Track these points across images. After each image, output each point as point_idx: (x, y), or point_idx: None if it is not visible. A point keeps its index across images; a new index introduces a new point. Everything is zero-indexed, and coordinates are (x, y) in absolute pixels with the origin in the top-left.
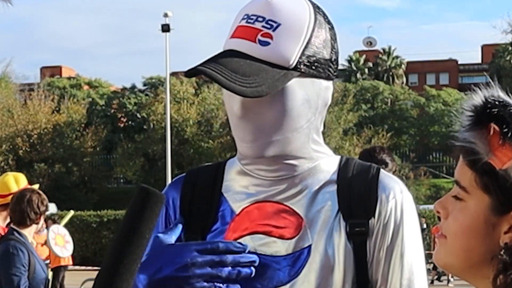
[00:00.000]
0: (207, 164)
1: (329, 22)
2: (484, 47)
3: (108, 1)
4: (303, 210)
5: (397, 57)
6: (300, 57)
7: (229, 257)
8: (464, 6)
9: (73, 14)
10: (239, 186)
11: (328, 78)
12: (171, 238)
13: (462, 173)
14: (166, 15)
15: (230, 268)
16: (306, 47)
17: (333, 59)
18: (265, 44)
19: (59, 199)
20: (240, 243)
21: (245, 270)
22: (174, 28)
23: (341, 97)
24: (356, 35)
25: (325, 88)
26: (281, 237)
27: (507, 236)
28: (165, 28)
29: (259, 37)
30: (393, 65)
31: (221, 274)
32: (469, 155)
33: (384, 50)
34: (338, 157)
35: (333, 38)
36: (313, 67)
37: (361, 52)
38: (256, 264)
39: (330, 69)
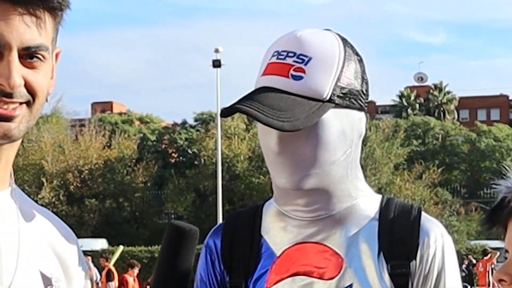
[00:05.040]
0: (245, 208)
1: (357, 54)
2: None
3: (158, 36)
4: (343, 250)
5: (448, 92)
6: (334, 89)
7: None
8: (510, 41)
9: (123, 49)
10: (277, 227)
11: (360, 109)
12: None
13: None
14: (217, 50)
15: None
16: (338, 78)
17: (364, 90)
18: (298, 78)
19: (110, 234)
20: None
21: None
22: (225, 63)
23: (392, 132)
24: (406, 70)
25: (358, 120)
26: (321, 277)
27: None
28: (216, 64)
29: (291, 72)
30: (444, 100)
31: None
32: None
33: (435, 85)
34: (379, 196)
35: (363, 69)
36: (347, 99)
37: (412, 88)
38: None
39: (362, 100)
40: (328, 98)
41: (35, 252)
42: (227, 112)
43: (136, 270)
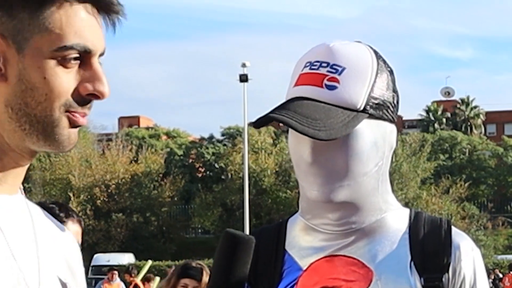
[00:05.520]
0: (269, 225)
1: (389, 66)
2: None
3: (184, 51)
4: (373, 263)
5: (475, 107)
6: (368, 99)
7: None
8: None
9: (149, 64)
10: (304, 242)
11: (391, 121)
12: None
13: None
14: (244, 65)
15: None
16: (372, 89)
17: (395, 102)
18: (332, 88)
19: (137, 249)
20: None
21: None
22: (252, 78)
23: (419, 147)
24: (432, 85)
25: (390, 132)
26: None
27: None
28: (243, 78)
29: (325, 81)
30: (471, 115)
31: None
32: None
33: (462, 100)
34: (407, 210)
35: (394, 81)
36: (379, 110)
37: (439, 102)
38: None
39: (393, 112)
40: (362, 108)
41: (52, 260)
42: (261, 122)
43: (152, 284)
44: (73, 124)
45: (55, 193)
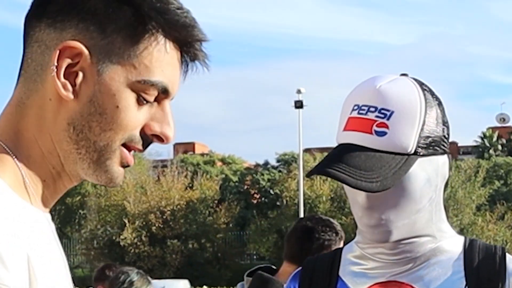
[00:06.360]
0: (324, 252)
1: (436, 98)
2: None
3: (239, 78)
4: None
5: None
6: (418, 141)
7: None
8: None
9: (205, 90)
10: (359, 269)
11: (443, 153)
12: None
13: None
14: (299, 91)
15: None
16: (421, 129)
17: (445, 134)
18: (382, 134)
19: (192, 275)
20: None
21: None
22: (307, 104)
23: (474, 173)
24: (488, 111)
25: (442, 164)
26: None
27: None
28: (298, 105)
29: (374, 127)
30: None
31: None
32: None
33: None
34: (462, 238)
35: (443, 112)
36: (430, 147)
37: (494, 129)
38: None
39: (444, 144)
40: (413, 151)
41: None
42: (314, 173)
43: None
44: (123, 162)
45: (110, 220)
